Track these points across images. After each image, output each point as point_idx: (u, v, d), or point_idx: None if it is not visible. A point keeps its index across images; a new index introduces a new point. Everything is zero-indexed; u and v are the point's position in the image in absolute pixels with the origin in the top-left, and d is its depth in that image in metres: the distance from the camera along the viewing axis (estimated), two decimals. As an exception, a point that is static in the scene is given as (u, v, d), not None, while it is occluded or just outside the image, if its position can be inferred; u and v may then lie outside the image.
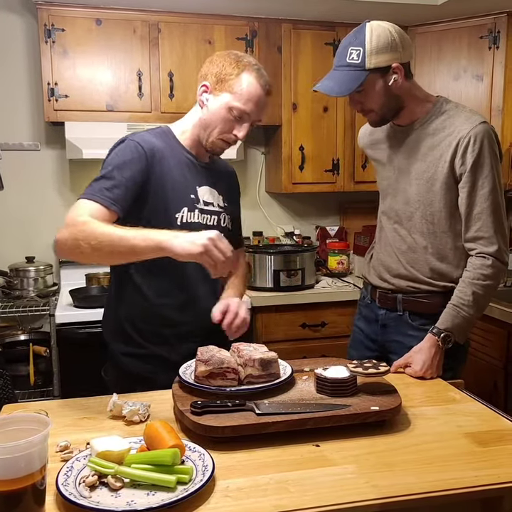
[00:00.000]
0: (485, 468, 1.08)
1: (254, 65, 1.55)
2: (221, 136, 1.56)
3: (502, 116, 2.98)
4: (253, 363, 1.32)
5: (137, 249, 1.31)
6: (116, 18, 2.84)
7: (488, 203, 1.63)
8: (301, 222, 3.60)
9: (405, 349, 1.70)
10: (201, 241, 1.25)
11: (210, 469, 1.02)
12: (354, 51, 1.61)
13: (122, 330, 1.63)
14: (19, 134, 3.10)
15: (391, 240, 1.85)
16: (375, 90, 1.65)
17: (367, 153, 1.98)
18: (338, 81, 1.65)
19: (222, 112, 1.53)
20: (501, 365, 2.51)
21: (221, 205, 1.69)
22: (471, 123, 1.65)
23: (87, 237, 1.33)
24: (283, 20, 3.07)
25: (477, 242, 1.66)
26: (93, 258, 1.38)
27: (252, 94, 1.52)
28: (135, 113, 2.92)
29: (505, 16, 2.92)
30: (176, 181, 1.57)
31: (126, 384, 1.55)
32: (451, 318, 1.64)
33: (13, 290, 2.89)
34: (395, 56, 1.63)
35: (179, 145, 1.62)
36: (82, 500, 0.94)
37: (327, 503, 0.97)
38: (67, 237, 1.36)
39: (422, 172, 1.73)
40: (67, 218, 1.40)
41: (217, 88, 1.54)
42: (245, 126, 1.56)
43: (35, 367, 2.75)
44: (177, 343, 1.61)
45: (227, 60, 1.54)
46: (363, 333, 1.97)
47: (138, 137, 1.55)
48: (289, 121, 3.14)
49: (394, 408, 1.25)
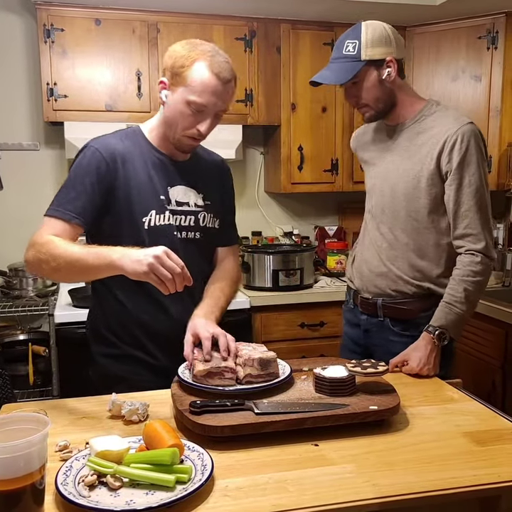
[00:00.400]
0: (483, 468, 1.08)
1: (208, 53, 1.44)
2: (184, 132, 1.49)
3: (500, 117, 2.99)
4: (252, 362, 1.32)
5: (93, 269, 1.33)
6: (116, 18, 2.85)
7: (475, 200, 1.67)
8: (300, 222, 3.60)
9: (388, 354, 1.73)
10: (146, 260, 1.22)
11: (209, 469, 1.03)
12: (350, 44, 1.68)
13: (100, 331, 1.62)
14: (18, 134, 3.10)
15: (373, 238, 1.88)
16: (370, 82, 1.71)
17: (357, 155, 2.03)
18: (334, 71, 1.71)
19: (181, 107, 1.46)
20: (499, 364, 2.52)
21: (200, 203, 1.62)
22: (459, 123, 1.69)
23: (47, 259, 1.36)
24: (282, 21, 3.07)
25: (465, 239, 1.68)
26: (55, 278, 1.42)
27: (206, 84, 1.42)
28: (134, 113, 2.92)
29: (504, 16, 2.92)
30: (142, 184, 1.52)
31: (106, 384, 1.54)
32: (445, 315, 1.66)
33: (12, 290, 2.89)
34: (389, 50, 1.69)
35: (149, 145, 1.57)
36: (81, 499, 0.94)
37: (326, 502, 0.97)
38: (31, 259, 1.41)
39: (409, 169, 1.76)
40: (31, 238, 1.43)
41: (173, 83, 1.47)
42: (207, 119, 1.47)
43: (34, 366, 2.75)
44: (153, 346, 1.59)
45: (180, 52, 1.46)
46: (349, 339, 2.01)
47: (98, 142, 1.52)
48: (288, 122, 3.14)
49: (392, 408, 1.25)
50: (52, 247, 1.37)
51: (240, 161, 3.28)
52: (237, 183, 1.84)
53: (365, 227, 1.95)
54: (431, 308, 1.79)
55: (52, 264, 1.36)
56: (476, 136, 1.68)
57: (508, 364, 2.48)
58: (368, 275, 1.89)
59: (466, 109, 3.00)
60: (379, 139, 1.89)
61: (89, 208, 1.47)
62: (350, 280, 2.01)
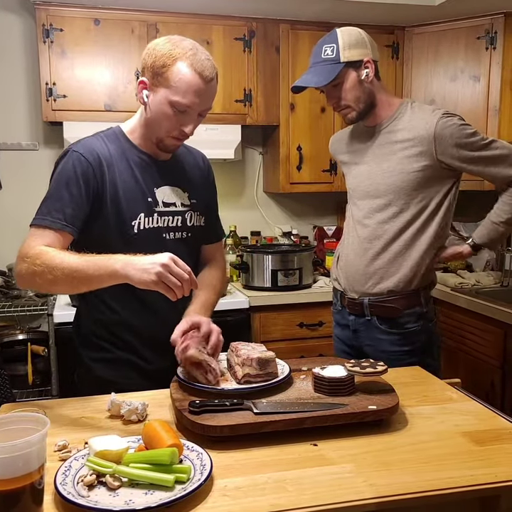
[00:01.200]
0: (482, 468, 1.08)
1: (189, 51, 1.39)
2: (169, 133, 1.46)
3: (499, 117, 2.99)
4: (251, 362, 1.32)
5: (94, 280, 1.28)
6: (115, 18, 2.85)
7: (493, 146, 1.80)
8: (299, 222, 3.60)
9: (377, 352, 1.79)
10: (154, 269, 1.19)
11: (208, 468, 1.03)
12: (328, 48, 1.76)
13: (89, 336, 1.58)
14: (17, 134, 3.10)
15: (357, 237, 1.92)
16: (350, 83, 1.78)
17: (337, 158, 2.09)
18: (315, 75, 1.77)
19: (164, 108, 1.42)
20: (498, 364, 2.52)
21: (186, 203, 1.59)
22: (435, 114, 1.79)
23: (42, 271, 1.29)
24: (281, 21, 3.07)
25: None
26: (52, 291, 1.34)
27: (189, 84, 1.38)
28: (133, 113, 2.89)
29: (502, 16, 2.92)
30: (128, 187, 1.49)
31: (93, 388, 1.50)
32: (488, 232, 1.87)
33: (11, 290, 2.89)
34: (366, 51, 1.78)
35: (131, 145, 1.53)
36: (81, 499, 0.94)
37: (325, 502, 0.97)
38: (24, 272, 1.33)
39: (394, 166, 1.82)
40: (21, 251, 1.36)
41: (154, 83, 1.42)
42: (191, 119, 1.44)
43: (33, 366, 2.75)
44: (142, 349, 1.57)
45: (160, 51, 1.41)
46: (340, 340, 2.03)
47: (81, 146, 1.47)
48: (287, 122, 3.14)
49: (391, 407, 1.25)
50: (47, 257, 1.30)
51: (239, 161, 3.27)
52: (235, 183, 1.85)
53: (348, 226, 2.00)
54: (415, 306, 1.84)
55: (48, 276, 1.29)
56: (459, 119, 1.80)
57: (506, 364, 2.48)
58: (353, 275, 1.90)
59: (465, 109, 3.00)
60: (358, 141, 1.95)
61: (79, 215, 1.42)
62: (336, 281, 2.02)
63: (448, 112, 1.80)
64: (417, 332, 1.88)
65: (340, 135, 2.09)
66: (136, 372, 1.57)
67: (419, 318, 1.88)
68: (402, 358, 1.83)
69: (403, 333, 1.86)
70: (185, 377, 1.35)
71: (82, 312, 1.64)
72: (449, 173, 1.83)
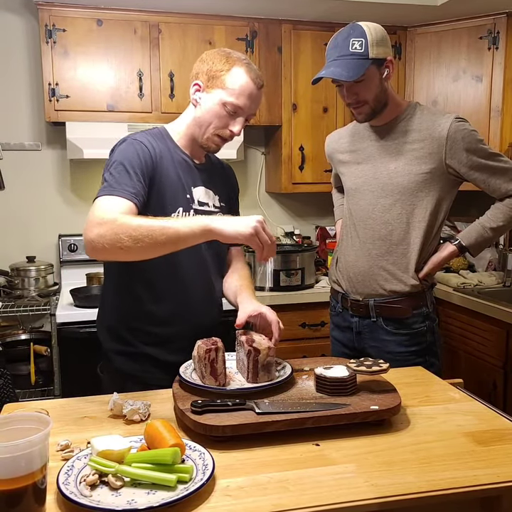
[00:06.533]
0: (484, 468, 1.08)
1: (243, 60, 1.54)
2: (217, 131, 1.55)
3: (501, 117, 2.98)
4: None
5: (181, 237, 1.30)
6: (117, 18, 2.85)
7: (499, 158, 1.81)
8: (301, 222, 3.60)
9: (382, 353, 1.78)
10: (252, 223, 1.28)
11: (211, 468, 1.03)
12: (356, 42, 1.70)
13: (114, 329, 1.63)
14: (20, 134, 3.10)
15: (359, 238, 1.91)
16: (373, 80, 1.74)
17: (334, 157, 2.05)
18: (345, 68, 1.70)
19: (216, 108, 1.53)
20: (500, 364, 2.52)
21: (217, 205, 1.67)
22: (448, 117, 1.78)
23: (126, 230, 1.28)
24: (283, 21, 3.07)
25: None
26: (133, 251, 1.27)
27: (244, 87, 1.51)
28: (135, 113, 2.93)
29: (505, 16, 2.92)
30: (173, 181, 1.56)
31: (119, 382, 1.56)
32: (476, 235, 1.85)
33: (14, 290, 2.89)
34: (389, 50, 1.76)
35: (175, 145, 1.61)
36: (83, 499, 0.94)
37: (327, 502, 0.97)
38: (105, 234, 1.29)
39: (403, 165, 1.80)
40: (95, 218, 1.32)
41: (209, 85, 1.54)
42: (240, 121, 1.55)
43: (35, 366, 2.75)
44: (168, 343, 1.60)
45: (216, 57, 1.54)
46: (340, 343, 2.01)
47: (140, 137, 1.55)
48: (289, 122, 3.14)
49: (393, 407, 1.25)
50: (129, 219, 1.30)
51: (241, 161, 3.28)
52: (238, 183, 1.85)
53: (346, 227, 1.97)
54: (422, 306, 1.83)
55: (133, 233, 1.27)
56: (469, 125, 1.79)
57: (509, 364, 2.48)
58: (356, 276, 1.89)
59: (467, 110, 3.00)
60: (360, 140, 1.92)
61: (143, 193, 1.45)
62: (335, 283, 2.01)
63: (460, 117, 1.79)
64: (424, 332, 1.87)
65: (337, 135, 2.06)
66: (158, 367, 1.59)
67: (425, 318, 1.88)
68: (409, 359, 1.83)
69: (410, 334, 1.86)
70: (188, 378, 1.35)
71: (109, 307, 1.67)
72: (453, 181, 1.83)
